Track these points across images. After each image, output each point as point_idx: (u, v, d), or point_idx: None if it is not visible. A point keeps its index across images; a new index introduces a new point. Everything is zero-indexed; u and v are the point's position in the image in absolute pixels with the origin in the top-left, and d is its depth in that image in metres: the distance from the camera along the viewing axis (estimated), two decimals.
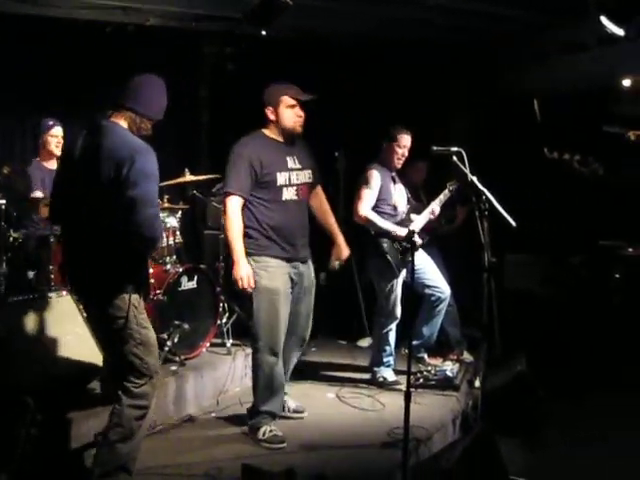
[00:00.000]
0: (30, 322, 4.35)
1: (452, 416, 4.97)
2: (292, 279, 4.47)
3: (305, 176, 4.54)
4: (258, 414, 4.46)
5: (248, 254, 4.32)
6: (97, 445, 3.50)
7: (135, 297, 3.38)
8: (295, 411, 4.84)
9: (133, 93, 3.44)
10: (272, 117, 4.43)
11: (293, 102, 4.40)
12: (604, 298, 7.17)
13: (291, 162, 4.47)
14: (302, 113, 4.44)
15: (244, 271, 4.26)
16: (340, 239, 4.79)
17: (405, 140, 5.48)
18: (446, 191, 5.56)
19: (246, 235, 4.34)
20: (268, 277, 4.34)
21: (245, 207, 4.36)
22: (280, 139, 4.48)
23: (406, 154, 5.52)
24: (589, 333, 6.63)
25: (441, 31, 7.27)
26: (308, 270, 4.62)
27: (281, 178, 4.40)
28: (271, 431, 4.39)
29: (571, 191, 8.61)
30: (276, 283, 4.36)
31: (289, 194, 4.43)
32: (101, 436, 3.44)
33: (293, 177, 4.45)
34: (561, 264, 7.73)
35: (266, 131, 4.49)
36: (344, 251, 4.81)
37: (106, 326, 3.43)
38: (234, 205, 4.30)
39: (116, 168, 3.22)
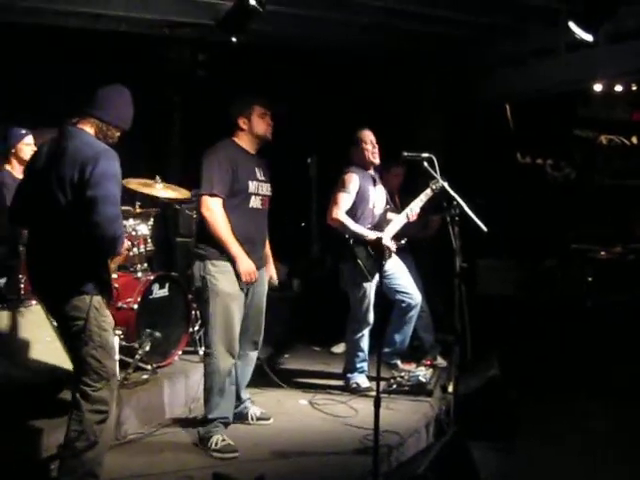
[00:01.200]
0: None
1: (425, 421, 4.96)
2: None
3: (268, 189, 4.63)
4: (209, 422, 4.41)
5: (207, 257, 4.36)
6: (61, 455, 3.47)
7: (97, 299, 3.39)
8: (260, 418, 4.80)
9: (100, 102, 3.49)
10: (244, 127, 4.51)
11: (265, 110, 4.52)
12: (577, 301, 7.23)
13: (258, 173, 4.56)
14: (271, 121, 4.55)
15: (250, 265, 4.35)
16: (271, 261, 4.88)
17: (368, 135, 5.49)
18: (428, 190, 5.28)
19: (209, 238, 4.36)
20: (226, 280, 4.36)
21: None
22: (249, 149, 4.56)
23: (376, 146, 5.49)
24: (563, 336, 6.67)
25: (414, 38, 7.31)
26: (262, 278, 4.64)
27: (252, 186, 4.47)
28: (223, 440, 4.33)
29: (544, 195, 8.71)
30: (234, 287, 4.38)
31: (256, 202, 4.51)
32: (63, 446, 3.41)
33: (260, 188, 4.54)
34: (534, 268, 7.79)
35: (237, 140, 4.55)
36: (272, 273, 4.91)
37: (66, 327, 3.45)
38: (220, 206, 4.34)
39: (80, 169, 3.27)
